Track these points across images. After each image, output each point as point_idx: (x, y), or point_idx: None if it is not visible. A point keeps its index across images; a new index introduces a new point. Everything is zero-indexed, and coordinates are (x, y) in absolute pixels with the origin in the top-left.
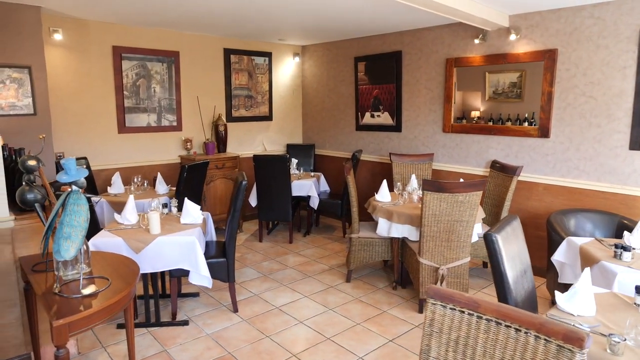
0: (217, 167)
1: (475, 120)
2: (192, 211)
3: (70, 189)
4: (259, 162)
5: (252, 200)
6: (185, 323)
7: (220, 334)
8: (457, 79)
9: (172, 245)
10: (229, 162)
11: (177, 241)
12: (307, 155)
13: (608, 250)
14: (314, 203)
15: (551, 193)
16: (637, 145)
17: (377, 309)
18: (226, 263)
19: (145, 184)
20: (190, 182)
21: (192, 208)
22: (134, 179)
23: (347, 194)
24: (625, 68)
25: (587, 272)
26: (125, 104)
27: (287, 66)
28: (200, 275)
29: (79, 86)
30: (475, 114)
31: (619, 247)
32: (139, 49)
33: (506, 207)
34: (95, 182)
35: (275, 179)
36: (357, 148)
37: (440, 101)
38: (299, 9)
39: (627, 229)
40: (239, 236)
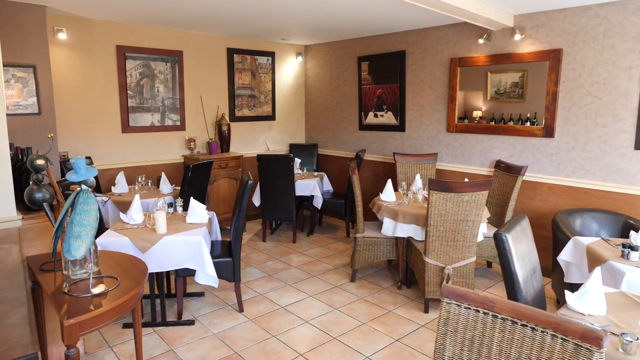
0: (220, 166)
1: (477, 120)
2: (198, 211)
3: (79, 188)
4: (262, 161)
5: (256, 200)
6: (191, 323)
7: (227, 333)
8: (460, 78)
9: (178, 244)
10: (233, 162)
11: (184, 241)
12: (310, 155)
13: (615, 250)
14: (318, 203)
15: (556, 193)
16: None
17: (383, 308)
18: (232, 263)
19: (149, 184)
20: (195, 181)
21: (198, 207)
22: (138, 179)
23: (350, 194)
24: (631, 68)
25: (598, 271)
26: (129, 104)
27: (290, 66)
28: (207, 275)
29: (83, 86)
30: (477, 113)
31: (626, 247)
32: (143, 49)
33: (511, 207)
34: (99, 182)
35: (279, 179)
36: (360, 148)
37: (444, 101)
38: (303, 9)
39: (633, 229)
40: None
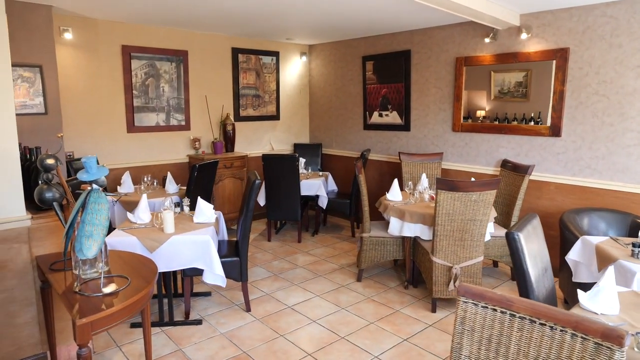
0: (225, 166)
1: (480, 119)
2: (205, 210)
3: (90, 188)
4: (268, 161)
5: (261, 200)
6: (198, 322)
7: (234, 333)
8: (465, 78)
9: (186, 244)
10: (237, 162)
11: (192, 240)
12: (315, 155)
13: (624, 249)
14: (323, 202)
15: (562, 192)
16: None
17: (390, 308)
18: (239, 262)
19: (155, 184)
20: (201, 181)
21: (206, 207)
22: (144, 178)
23: (355, 193)
24: (638, 67)
25: (611, 270)
26: (134, 104)
27: (294, 65)
28: (215, 275)
29: (89, 85)
30: (480, 113)
31: (636, 246)
32: (148, 48)
33: (517, 206)
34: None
35: (284, 179)
36: (364, 147)
37: (450, 100)
38: (308, 8)
39: None
40: None
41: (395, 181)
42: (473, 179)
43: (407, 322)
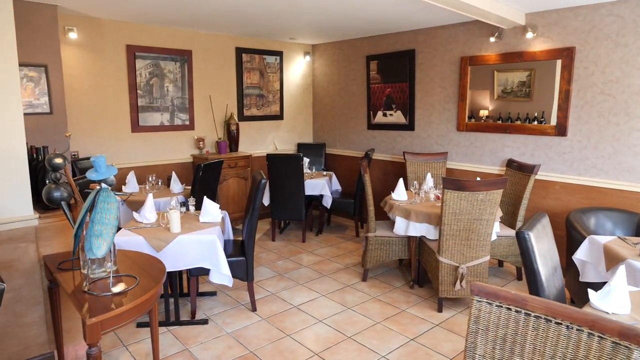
0: (229, 166)
1: (483, 119)
2: (211, 210)
3: (99, 187)
4: (272, 161)
5: (265, 200)
6: (204, 322)
7: (241, 332)
8: (469, 77)
9: (193, 243)
10: (242, 161)
11: (198, 240)
12: (318, 155)
13: (633, 248)
14: (327, 202)
15: (568, 192)
16: None
17: (396, 307)
18: (245, 262)
19: (160, 183)
20: (206, 180)
21: (212, 207)
22: (149, 178)
23: (359, 193)
24: None
25: (622, 269)
26: (138, 103)
27: (297, 65)
28: (221, 274)
29: (93, 85)
30: (483, 113)
31: None
32: (153, 48)
33: (523, 206)
34: None
35: (289, 178)
36: (368, 147)
37: (454, 100)
38: (312, 8)
39: None
40: None
41: (401, 181)
42: (479, 179)
43: (413, 321)
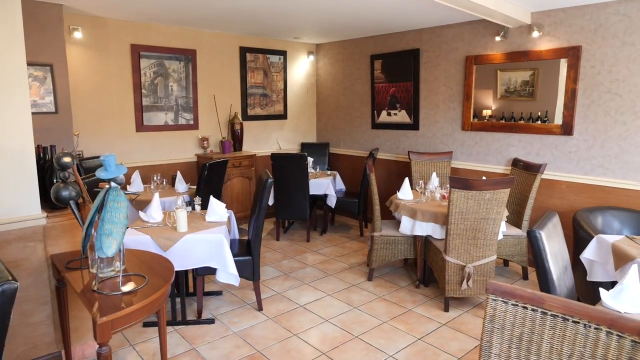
0: (234, 165)
1: (486, 118)
2: (217, 209)
3: (109, 186)
4: (277, 160)
5: (269, 199)
6: (211, 321)
7: (248, 332)
8: (474, 77)
9: (200, 243)
10: (246, 161)
11: (205, 239)
12: (322, 154)
13: None
14: (332, 202)
15: (574, 191)
16: None
17: (402, 307)
18: (251, 261)
19: (164, 183)
20: (211, 180)
21: (218, 206)
22: (154, 178)
23: (364, 193)
24: None
25: (635, 268)
26: (143, 103)
27: (301, 64)
28: (228, 274)
29: (98, 85)
30: (486, 112)
31: None
32: (157, 47)
33: (529, 205)
34: None
35: (293, 178)
36: (372, 146)
37: (459, 99)
38: (316, 7)
39: None
40: None
41: (406, 180)
42: (484, 178)
43: (420, 321)
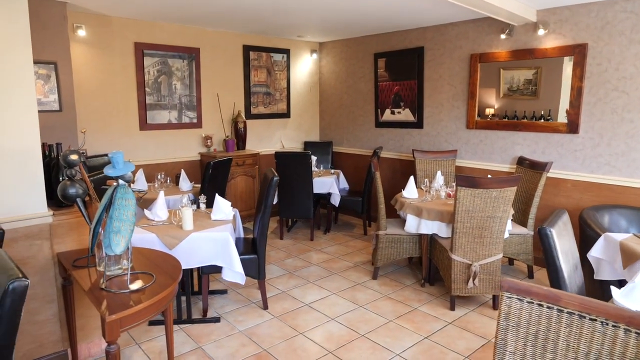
0: (237, 164)
1: (489, 117)
2: (223, 207)
3: (116, 183)
4: (280, 159)
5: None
6: (216, 320)
7: (253, 330)
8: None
9: (206, 241)
10: (249, 160)
11: (211, 237)
12: (325, 153)
13: None
14: (335, 200)
15: (580, 189)
16: None
17: (408, 306)
18: (257, 259)
19: (168, 181)
20: (215, 178)
21: (223, 204)
22: (158, 176)
23: (367, 192)
24: None
25: None
26: (146, 101)
27: (304, 63)
28: (234, 272)
29: (101, 83)
30: (489, 111)
31: None
32: (161, 46)
33: (535, 204)
34: None
35: (297, 176)
36: (376, 145)
37: (463, 97)
38: (319, 5)
39: None
40: None
41: (412, 178)
42: (490, 176)
43: (426, 319)
